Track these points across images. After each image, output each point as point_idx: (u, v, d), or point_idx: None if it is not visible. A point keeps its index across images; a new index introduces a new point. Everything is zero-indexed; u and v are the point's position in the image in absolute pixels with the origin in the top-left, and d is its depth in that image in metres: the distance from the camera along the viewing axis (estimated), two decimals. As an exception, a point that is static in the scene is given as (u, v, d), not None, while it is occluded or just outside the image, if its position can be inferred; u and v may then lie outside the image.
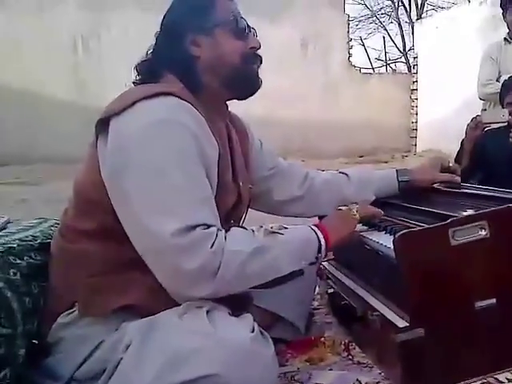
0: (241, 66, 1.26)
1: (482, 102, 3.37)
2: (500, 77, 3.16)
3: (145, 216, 1.06)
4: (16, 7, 9.47)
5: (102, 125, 1.16)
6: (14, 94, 9.38)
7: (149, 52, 1.30)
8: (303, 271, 1.22)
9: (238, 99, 1.32)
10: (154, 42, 1.30)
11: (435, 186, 1.63)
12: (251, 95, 1.32)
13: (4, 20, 9.40)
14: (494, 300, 1.20)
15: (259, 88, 1.31)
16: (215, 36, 1.25)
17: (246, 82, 1.29)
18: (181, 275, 1.05)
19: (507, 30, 3.24)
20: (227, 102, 1.35)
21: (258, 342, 1.04)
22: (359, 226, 1.41)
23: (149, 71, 1.28)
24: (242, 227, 1.28)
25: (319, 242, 1.23)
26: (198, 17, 1.24)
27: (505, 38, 3.24)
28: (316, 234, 1.24)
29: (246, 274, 1.10)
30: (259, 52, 1.31)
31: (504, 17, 3.15)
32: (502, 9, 3.15)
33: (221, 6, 1.26)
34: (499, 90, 2.76)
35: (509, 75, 2.84)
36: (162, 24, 1.29)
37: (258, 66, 1.31)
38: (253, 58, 1.29)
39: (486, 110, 3.09)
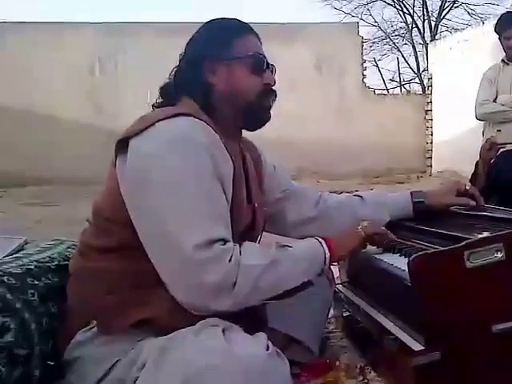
0: (254, 103, 1.30)
1: (483, 122, 3.41)
2: (497, 97, 3.26)
3: (166, 230, 1.09)
4: (35, 31, 9.71)
5: (122, 145, 1.20)
6: (31, 116, 9.56)
7: (171, 75, 1.34)
8: (313, 282, 1.24)
9: (247, 130, 1.37)
10: (176, 66, 1.34)
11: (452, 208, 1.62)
12: (258, 128, 1.35)
13: (24, 44, 9.63)
14: (511, 323, 1.18)
15: (267, 122, 1.35)
16: (232, 68, 1.29)
17: (255, 117, 1.33)
18: (201, 288, 1.08)
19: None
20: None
21: (274, 360, 1.05)
22: (374, 249, 1.41)
23: (168, 94, 1.32)
24: None
25: (324, 253, 1.26)
26: (219, 47, 1.29)
27: (502, 60, 3.35)
28: (321, 244, 1.27)
29: (261, 287, 1.13)
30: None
31: (500, 41, 3.28)
32: (497, 33, 3.28)
33: (242, 40, 1.30)
34: (494, 110, 2.86)
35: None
36: (185, 49, 1.34)
37: (273, 101, 1.34)
38: (267, 95, 1.33)
39: (500, 130, 3.09)
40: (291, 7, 28.23)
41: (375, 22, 17.89)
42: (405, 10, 17.28)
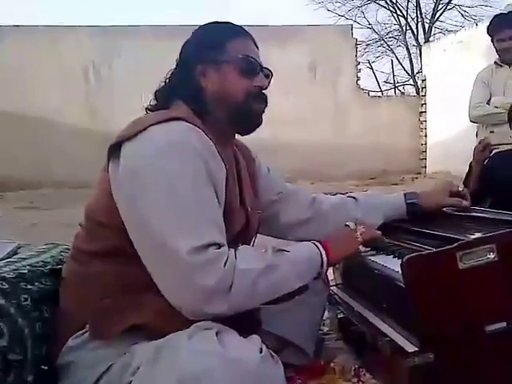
0: (243, 104, 1.29)
1: (476, 124, 3.42)
2: (490, 99, 3.26)
3: (161, 235, 1.08)
4: (29, 35, 9.69)
5: (114, 149, 1.19)
6: (27, 120, 9.54)
7: (165, 79, 1.35)
8: (308, 286, 1.24)
9: (238, 134, 1.37)
10: (171, 70, 1.35)
11: (444, 209, 1.63)
12: (250, 132, 1.35)
13: (17, 48, 9.60)
14: (504, 323, 1.18)
15: (258, 126, 1.34)
16: (223, 70, 1.29)
17: (245, 120, 1.32)
18: (197, 292, 1.07)
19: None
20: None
21: (268, 363, 1.05)
22: (367, 251, 1.41)
23: (161, 98, 1.33)
24: None
25: (321, 257, 1.26)
26: (211, 50, 1.29)
27: (495, 62, 3.35)
28: (318, 249, 1.27)
29: (257, 291, 1.13)
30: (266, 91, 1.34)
31: (493, 43, 3.28)
32: (489, 35, 3.28)
33: (234, 43, 1.31)
34: (488, 113, 2.89)
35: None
36: (179, 53, 1.35)
37: (264, 106, 1.34)
38: (256, 97, 1.32)
39: (493, 131, 3.11)
40: (285, 9, 28.26)
41: (369, 24, 17.98)
42: (398, 12, 17.35)
